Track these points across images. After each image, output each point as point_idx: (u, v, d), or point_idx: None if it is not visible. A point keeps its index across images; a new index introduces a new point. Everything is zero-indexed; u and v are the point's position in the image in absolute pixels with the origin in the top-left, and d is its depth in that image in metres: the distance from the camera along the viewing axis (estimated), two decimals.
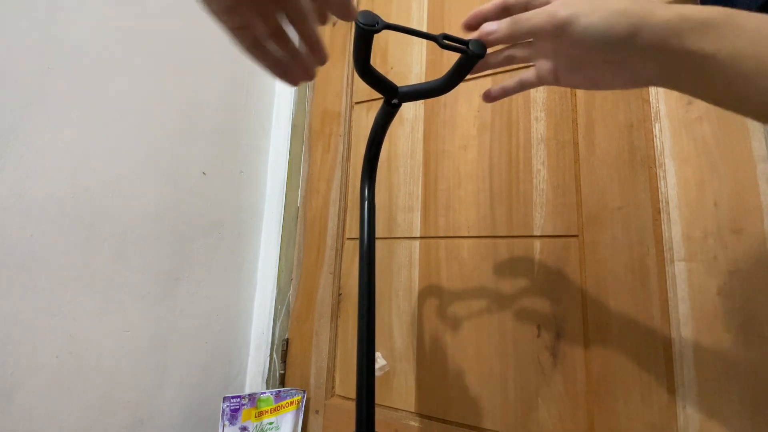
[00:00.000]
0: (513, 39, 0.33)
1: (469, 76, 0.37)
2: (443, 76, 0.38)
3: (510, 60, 0.38)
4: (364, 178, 0.46)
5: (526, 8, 0.33)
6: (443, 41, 0.33)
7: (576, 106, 0.63)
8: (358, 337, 0.40)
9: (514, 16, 0.32)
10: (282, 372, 0.81)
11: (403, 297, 0.72)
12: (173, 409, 0.68)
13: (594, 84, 0.34)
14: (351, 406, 0.73)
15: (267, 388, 0.80)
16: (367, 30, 0.31)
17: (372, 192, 0.46)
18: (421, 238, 0.72)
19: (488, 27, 0.33)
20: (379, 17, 0.31)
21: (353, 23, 0.31)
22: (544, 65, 0.36)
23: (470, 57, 0.34)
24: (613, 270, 0.57)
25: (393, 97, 0.39)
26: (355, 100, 0.86)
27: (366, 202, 0.45)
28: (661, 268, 0.54)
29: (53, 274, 0.54)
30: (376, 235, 0.76)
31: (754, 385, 0.48)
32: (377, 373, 0.71)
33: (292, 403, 0.73)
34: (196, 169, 0.74)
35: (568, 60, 0.34)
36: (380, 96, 0.40)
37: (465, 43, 0.33)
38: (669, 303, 0.53)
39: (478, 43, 0.34)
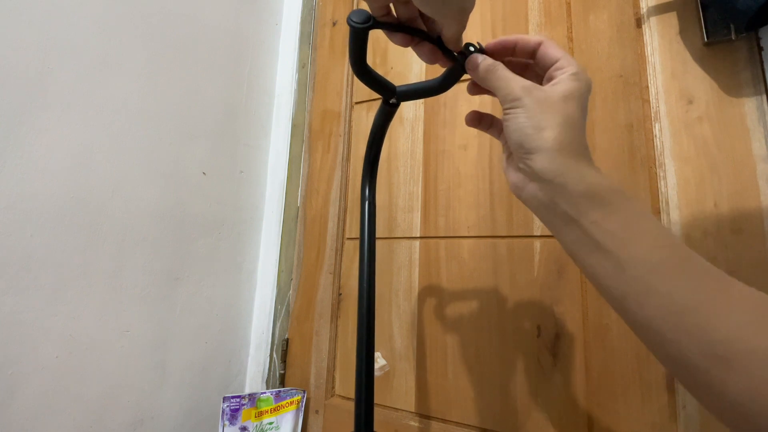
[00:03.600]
0: (481, 82, 0.33)
1: (467, 76, 0.37)
2: (441, 75, 0.38)
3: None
4: (365, 178, 0.46)
5: (531, 56, 0.33)
6: (438, 38, 0.33)
7: None
8: (357, 337, 0.40)
9: (495, 65, 0.31)
10: (282, 372, 0.81)
11: (403, 297, 0.72)
12: (173, 409, 0.68)
13: (506, 168, 0.33)
14: (351, 406, 0.73)
15: (267, 388, 0.80)
16: (361, 28, 0.30)
17: (373, 192, 0.46)
18: (421, 238, 0.72)
19: (478, 58, 0.33)
20: (373, 16, 0.31)
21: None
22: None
23: (467, 56, 0.34)
24: None
25: (391, 96, 0.39)
26: (355, 100, 0.86)
27: (366, 202, 0.45)
28: None
29: (53, 274, 0.54)
30: (377, 235, 0.76)
31: None
32: (377, 373, 0.71)
33: (292, 403, 0.73)
34: (196, 169, 0.74)
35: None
36: (380, 96, 0.40)
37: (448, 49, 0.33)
38: None
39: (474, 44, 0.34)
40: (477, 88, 0.36)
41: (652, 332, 0.24)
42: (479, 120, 0.39)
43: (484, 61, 0.32)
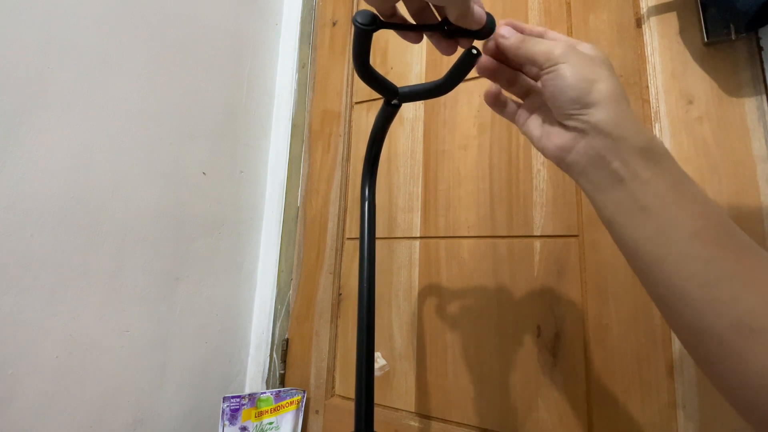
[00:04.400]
0: (515, 55, 0.32)
1: (469, 76, 0.37)
2: (444, 75, 0.38)
3: (510, 82, 0.37)
4: (365, 178, 0.46)
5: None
6: (445, 29, 0.32)
7: None
8: (357, 337, 0.40)
9: (525, 36, 0.32)
10: (282, 372, 0.81)
11: (403, 297, 0.72)
12: (173, 409, 0.68)
13: (539, 136, 0.33)
14: (351, 406, 0.73)
15: (267, 388, 0.80)
16: (366, 29, 0.30)
17: (372, 192, 0.46)
18: (421, 238, 0.72)
19: (505, 30, 0.32)
20: (378, 16, 0.31)
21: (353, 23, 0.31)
22: (529, 104, 0.35)
23: (471, 54, 0.34)
24: (613, 270, 0.57)
25: (393, 97, 0.39)
26: (355, 100, 0.86)
27: (366, 203, 0.45)
28: None
29: (53, 274, 0.54)
30: (377, 236, 0.76)
31: None
32: (377, 373, 0.71)
33: (292, 403, 0.73)
34: (196, 169, 0.74)
35: (543, 108, 0.34)
36: (381, 96, 0.40)
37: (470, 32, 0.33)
38: None
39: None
40: (484, 69, 0.35)
41: (681, 299, 0.23)
42: (497, 99, 0.38)
43: (513, 34, 0.32)
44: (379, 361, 0.72)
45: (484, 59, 0.35)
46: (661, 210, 0.25)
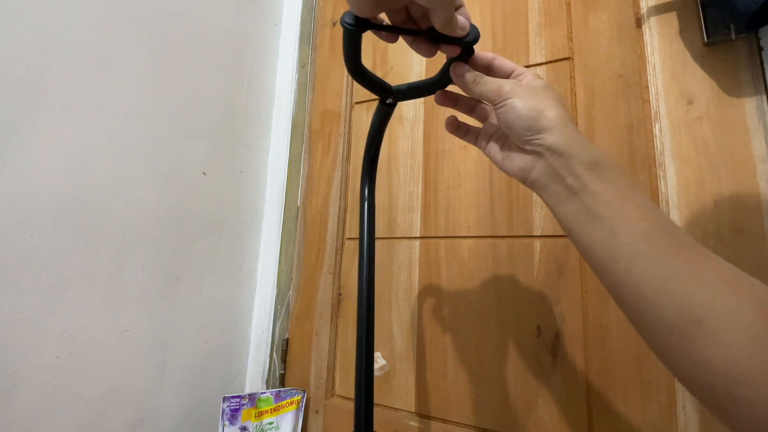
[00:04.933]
0: (468, 93, 0.36)
1: None
2: (438, 73, 0.38)
3: (471, 109, 0.41)
4: (364, 178, 0.46)
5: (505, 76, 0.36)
6: (433, 34, 0.33)
7: (576, 106, 0.63)
8: (357, 337, 0.40)
9: (479, 74, 0.35)
10: (282, 372, 0.81)
11: (403, 297, 0.72)
12: (173, 409, 0.68)
13: (501, 158, 0.36)
14: (351, 406, 0.73)
15: (267, 388, 0.80)
16: (354, 30, 0.30)
17: (372, 192, 0.46)
18: (421, 238, 0.72)
19: (461, 69, 0.35)
20: (365, 19, 0.31)
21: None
22: (487, 130, 0.39)
23: (462, 51, 0.34)
24: None
25: (387, 96, 0.39)
26: (355, 100, 0.86)
27: (366, 203, 0.45)
28: None
29: (53, 274, 0.54)
30: (377, 235, 0.76)
31: None
32: (377, 373, 0.71)
33: (292, 403, 0.73)
34: (196, 169, 0.74)
35: (500, 134, 0.37)
36: (376, 95, 0.40)
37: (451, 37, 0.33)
38: None
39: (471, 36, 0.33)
40: (445, 99, 0.40)
41: (635, 295, 0.26)
42: (457, 127, 0.41)
43: (469, 72, 0.35)
44: (379, 361, 0.72)
45: (444, 95, 0.40)
46: (611, 216, 0.28)
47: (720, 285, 0.24)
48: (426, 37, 0.33)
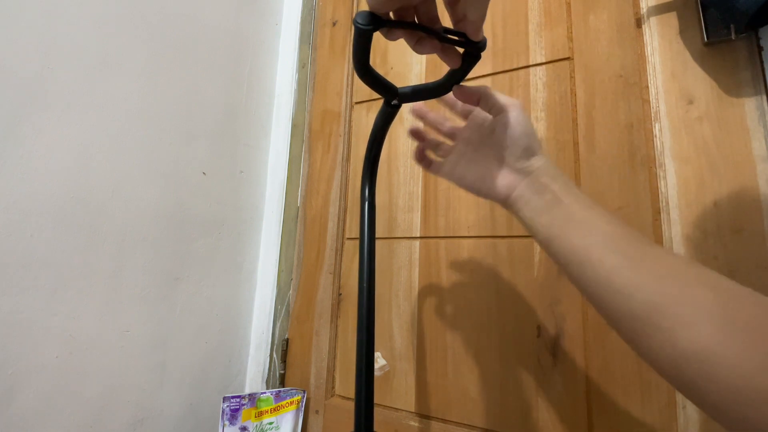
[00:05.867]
0: (477, 95, 0.39)
1: (469, 76, 0.37)
2: (444, 76, 0.38)
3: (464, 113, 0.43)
4: (365, 178, 0.46)
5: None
6: (444, 35, 0.33)
7: (576, 106, 0.63)
8: (357, 337, 0.40)
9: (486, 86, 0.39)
10: (282, 372, 0.81)
11: (403, 297, 0.72)
12: (173, 409, 0.68)
13: (479, 180, 0.40)
14: (351, 406, 0.73)
15: (267, 388, 0.80)
16: (366, 29, 0.30)
17: (372, 192, 0.46)
18: (421, 238, 0.72)
19: (468, 87, 0.39)
20: (379, 16, 0.31)
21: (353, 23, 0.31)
22: (457, 161, 0.42)
23: (469, 53, 0.34)
24: None
25: (393, 97, 0.39)
26: (355, 100, 0.86)
27: (366, 203, 0.45)
28: None
29: (53, 274, 0.54)
30: (377, 236, 0.76)
31: None
32: (377, 373, 0.71)
33: (292, 403, 0.73)
34: (196, 169, 0.74)
35: (471, 159, 0.41)
36: (381, 96, 0.40)
37: (465, 36, 0.33)
38: None
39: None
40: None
41: (607, 289, 0.29)
42: (422, 156, 0.45)
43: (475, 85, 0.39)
44: (379, 361, 0.72)
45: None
46: (582, 222, 0.32)
47: (677, 274, 0.27)
48: (438, 38, 0.33)
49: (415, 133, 0.45)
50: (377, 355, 0.72)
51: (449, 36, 0.32)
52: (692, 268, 0.27)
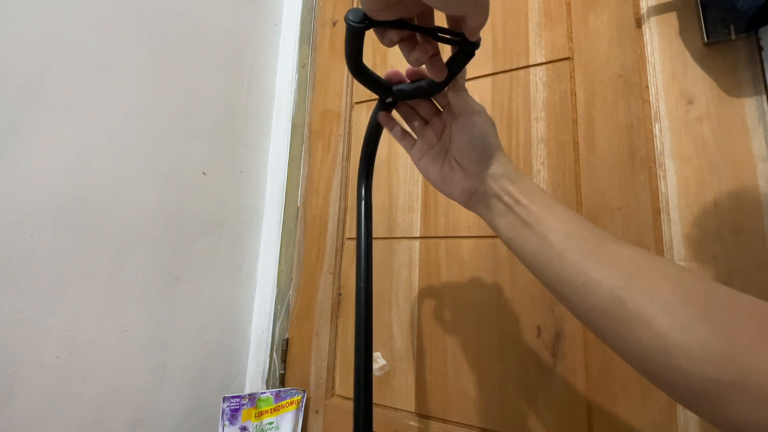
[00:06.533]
0: (452, 95, 0.38)
1: (468, 76, 0.37)
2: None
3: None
4: (361, 177, 0.46)
5: None
6: (437, 34, 0.33)
7: (576, 106, 0.63)
8: (355, 337, 0.40)
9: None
10: (282, 372, 0.81)
11: (403, 297, 0.72)
12: (173, 409, 0.68)
13: (440, 180, 0.40)
14: (351, 406, 0.72)
15: (267, 388, 0.80)
16: (358, 27, 0.30)
17: (369, 192, 0.46)
18: (421, 238, 0.72)
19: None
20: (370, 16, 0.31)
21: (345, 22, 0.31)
22: (425, 143, 0.41)
23: (464, 50, 0.34)
24: None
25: (387, 96, 0.39)
26: (355, 100, 0.86)
27: (363, 202, 0.45)
28: None
29: (53, 274, 0.54)
30: (377, 236, 0.76)
31: None
32: (377, 373, 0.71)
33: (292, 403, 0.73)
34: (196, 169, 0.74)
35: (436, 154, 0.40)
36: (376, 94, 0.40)
37: (460, 35, 0.33)
38: None
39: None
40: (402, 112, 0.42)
41: (569, 287, 0.29)
42: (391, 124, 0.43)
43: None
44: (379, 361, 0.72)
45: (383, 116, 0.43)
46: (540, 222, 0.32)
47: (635, 268, 0.27)
48: (432, 37, 0.33)
49: (385, 120, 0.44)
50: (377, 355, 0.72)
51: (444, 36, 0.32)
52: (652, 261, 0.28)
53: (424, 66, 0.36)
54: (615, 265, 0.28)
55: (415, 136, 0.42)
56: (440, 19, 0.32)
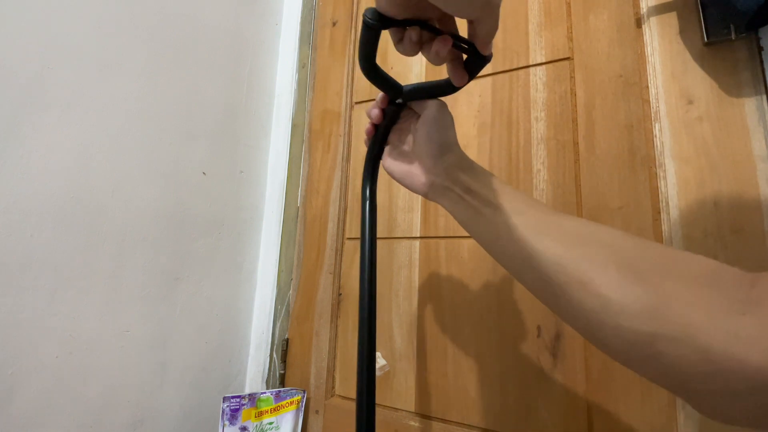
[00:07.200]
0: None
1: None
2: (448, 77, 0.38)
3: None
4: (366, 178, 0.46)
5: None
6: (455, 41, 0.32)
7: (576, 106, 0.63)
8: (359, 338, 0.39)
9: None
10: (282, 372, 0.81)
11: (403, 297, 0.72)
12: (173, 409, 0.68)
13: (402, 175, 0.42)
14: (351, 406, 0.73)
15: (267, 388, 0.80)
16: (375, 25, 0.30)
17: (373, 192, 0.45)
18: (421, 238, 0.72)
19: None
20: (388, 16, 0.31)
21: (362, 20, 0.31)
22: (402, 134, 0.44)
23: (477, 57, 0.34)
24: None
25: (397, 96, 0.39)
26: (355, 100, 0.86)
27: (367, 202, 0.44)
28: None
29: (53, 274, 0.54)
30: (377, 236, 0.76)
31: None
32: (377, 373, 0.71)
33: (292, 403, 0.73)
34: (196, 169, 0.74)
35: (400, 154, 0.43)
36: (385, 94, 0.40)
37: (470, 44, 0.33)
38: None
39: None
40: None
41: (521, 263, 0.31)
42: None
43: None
44: (379, 361, 0.72)
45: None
46: (488, 205, 0.34)
47: (576, 237, 0.29)
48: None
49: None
50: (377, 355, 0.72)
51: (460, 44, 0.32)
52: (593, 228, 0.29)
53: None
54: (557, 236, 0.30)
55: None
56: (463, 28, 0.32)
